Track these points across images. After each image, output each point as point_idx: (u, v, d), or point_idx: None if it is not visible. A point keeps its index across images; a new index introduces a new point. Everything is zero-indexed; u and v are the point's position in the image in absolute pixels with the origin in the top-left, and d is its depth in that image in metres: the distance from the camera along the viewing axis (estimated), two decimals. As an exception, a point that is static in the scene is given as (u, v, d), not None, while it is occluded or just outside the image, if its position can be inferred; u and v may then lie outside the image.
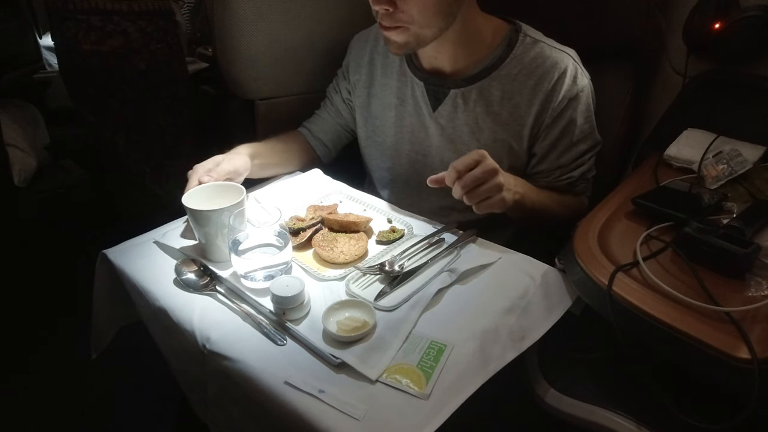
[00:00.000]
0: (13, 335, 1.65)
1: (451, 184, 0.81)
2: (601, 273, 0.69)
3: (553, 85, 0.95)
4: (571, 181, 1.03)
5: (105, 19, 1.21)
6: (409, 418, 0.58)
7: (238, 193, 0.83)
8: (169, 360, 0.82)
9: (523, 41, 0.98)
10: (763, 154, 0.91)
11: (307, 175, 1.10)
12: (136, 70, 1.26)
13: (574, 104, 0.97)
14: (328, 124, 1.20)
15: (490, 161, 0.80)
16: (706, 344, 0.58)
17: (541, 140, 1.00)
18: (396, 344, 0.67)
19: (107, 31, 1.22)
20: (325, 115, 1.20)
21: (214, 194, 0.85)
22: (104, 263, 0.87)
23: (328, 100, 1.21)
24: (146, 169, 1.38)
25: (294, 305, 0.71)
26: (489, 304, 0.74)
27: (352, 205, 1.00)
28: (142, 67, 1.27)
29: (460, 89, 1.01)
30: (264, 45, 1.17)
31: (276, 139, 1.12)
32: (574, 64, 0.97)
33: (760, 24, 0.94)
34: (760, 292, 0.65)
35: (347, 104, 1.19)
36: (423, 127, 1.07)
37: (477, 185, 0.80)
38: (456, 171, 0.80)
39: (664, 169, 0.97)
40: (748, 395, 0.55)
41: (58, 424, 1.43)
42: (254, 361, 0.65)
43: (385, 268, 0.79)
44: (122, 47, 1.24)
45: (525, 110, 0.98)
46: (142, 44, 1.26)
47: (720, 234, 0.70)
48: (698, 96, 1.05)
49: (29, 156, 1.78)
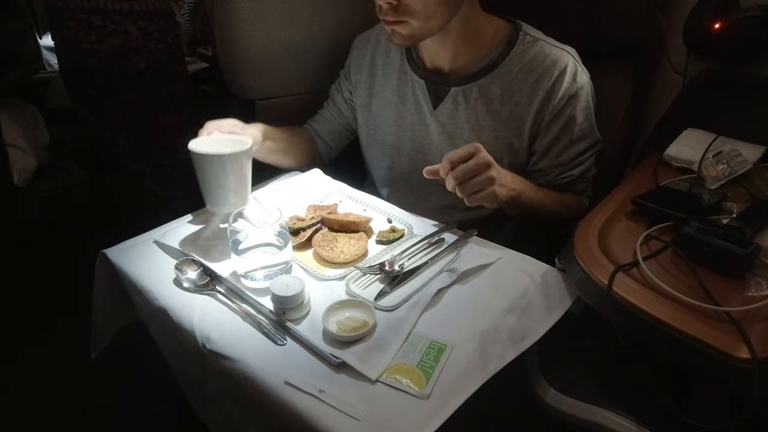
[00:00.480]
0: (14, 335, 1.65)
1: (444, 175, 0.81)
2: (601, 273, 0.69)
3: (553, 83, 0.96)
4: (570, 179, 1.03)
5: (105, 19, 1.21)
6: (409, 418, 0.58)
7: (245, 142, 0.83)
8: (169, 360, 0.82)
9: (523, 40, 0.99)
10: (763, 154, 0.91)
11: (307, 175, 1.10)
12: (136, 70, 1.26)
13: (573, 102, 0.97)
14: (331, 124, 1.21)
15: (484, 154, 0.80)
16: (706, 344, 0.58)
17: (541, 138, 1.00)
18: (396, 344, 0.67)
19: (108, 31, 1.22)
20: (327, 115, 1.21)
21: (222, 145, 0.84)
22: (104, 263, 0.87)
23: (330, 100, 1.22)
24: (146, 169, 1.38)
25: (294, 305, 0.71)
26: (489, 304, 0.74)
27: (352, 205, 1.00)
28: (142, 67, 1.27)
29: (461, 87, 1.01)
30: (264, 45, 1.17)
31: (286, 128, 1.13)
32: (573, 62, 0.97)
33: (760, 24, 0.94)
34: (760, 292, 0.65)
35: (348, 104, 1.19)
36: (424, 125, 1.07)
37: (469, 177, 0.80)
38: (450, 162, 0.80)
39: (664, 169, 0.97)
40: (748, 395, 0.55)
41: (58, 424, 1.43)
42: (254, 361, 0.65)
43: (385, 268, 0.79)
44: (122, 47, 1.24)
45: (525, 108, 0.98)
46: (142, 44, 1.26)
47: (720, 234, 0.70)
48: (698, 96, 1.05)
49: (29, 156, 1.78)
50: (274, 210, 0.81)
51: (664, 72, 1.15)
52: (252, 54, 1.17)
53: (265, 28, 1.16)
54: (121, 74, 1.26)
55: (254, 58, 1.18)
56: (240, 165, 0.82)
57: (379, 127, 1.13)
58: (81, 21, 1.21)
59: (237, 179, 0.83)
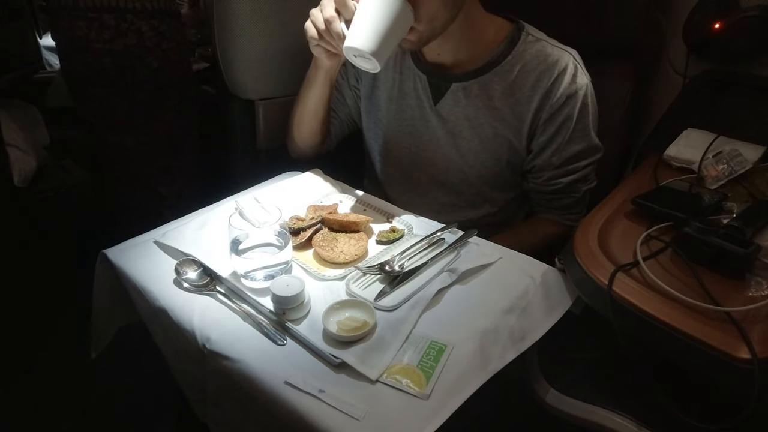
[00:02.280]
0: (13, 335, 1.65)
1: None
2: (601, 273, 0.69)
3: (553, 82, 0.96)
4: (558, 187, 1.02)
5: (118, 18, 1.21)
6: (409, 418, 0.58)
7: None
8: (169, 360, 0.82)
9: (525, 39, 0.99)
10: (763, 154, 0.91)
11: (307, 175, 1.10)
12: (149, 70, 1.26)
13: (572, 102, 0.97)
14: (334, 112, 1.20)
15: None
16: (706, 344, 0.58)
17: (538, 136, 1.01)
18: (396, 344, 0.67)
19: (121, 30, 1.21)
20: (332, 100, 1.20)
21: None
22: (104, 263, 0.87)
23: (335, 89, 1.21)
24: (153, 170, 1.37)
25: (294, 305, 0.71)
26: (489, 304, 0.74)
27: (352, 205, 1.00)
28: (155, 66, 1.26)
29: (462, 83, 1.01)
30: (264, 45, 1.17)
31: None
32: (574, 62, 0.97)
33: (760, 24, 0.94)
34: (760, 292, 0.65)
35: (354, 92, 1.18)
36: (424, 120, 1.07)
37: None
38: None
39: (664, 169, 0.97)
40: (748, 395, 0.55)
41: (58, 424, 1.43)
42: (254, 361, 0.65)
43: (385, 268, 0.79)
44: (136, 46, 1.23)
45: (525, 106, 0.98)
46: (156, 43, 1.25)
47: (720, 234, 0.70)
48: (698, 96, 1.05)
49: (29, 156, 1.77)
50: (274, 210, 0.81)
51: (664, 72, 1.16)
52: (252, 54, 1.17)
53: (265, 28, 1.16)
54: (133, 74, 1.25)
55: (254, 58, 1.18)
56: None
57: (380, 120, 1.13)
58: (92, 20, 1.20)
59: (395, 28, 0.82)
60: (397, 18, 0.81)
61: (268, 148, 1.31)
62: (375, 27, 0.82)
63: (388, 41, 0.82)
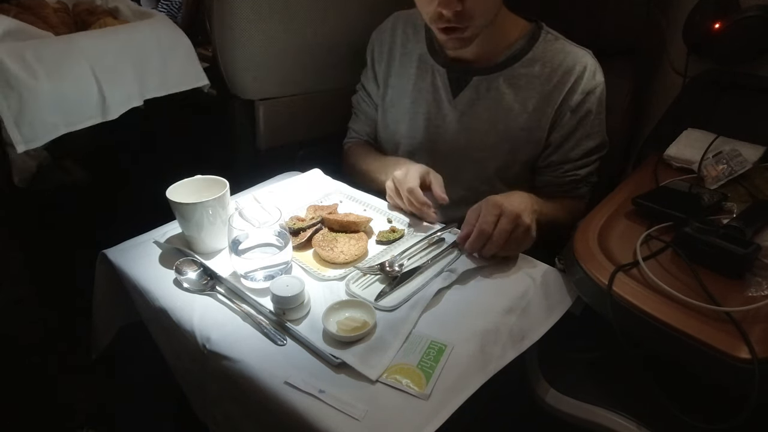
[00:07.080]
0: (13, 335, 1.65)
1: (480, 246, 0.80)
2: (601, 273, 0.69)
3: (576, 78, 0.98)
4: (575, 179, 1.04)
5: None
6: (409, 418, 0.58)
7: (221, 187, 0.84)
8: (169, 360, 0.82)
9: (545, 37, 1.01)
10: (763, 154, 0.91)
11: (307, 175, 1.10)
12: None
13: (591, 98, 0.99)
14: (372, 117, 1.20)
15: (510, 209, 0.78)
16: (706, 344, 0.58)
17: (557, 130, 1.02)
18: (396, 344, 0.67)
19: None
20: (365, 108, 1.20)
21: (201, 188, 0.85)
22: (104, 263, 0.87)
23: (360, 95, 1.21)
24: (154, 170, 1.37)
25: (294, 305, 0.71)
26: (489, 304, 0.74)
27: (352, 205, 1.00)
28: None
29: (484, 77, 1.02)
30: (264, 45, 1.17)
31: (376, 156, 1.14)
32: (593, 60, 1.00)
33: (760, 24, 0.94)
34: (760, 292, 0.65)
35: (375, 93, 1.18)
36: (440, 114, 1.07)
37: (507, 236, 0.78)
38: (484, 233, 0.78)
39: (664, 169, 0.97)
40: (748, 395, 0.55)
41: (58, 424, 1.43)
42: (254, 361, 0.65)
43: (385, 268, 0.79)
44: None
45: (545, 101, 1.00)
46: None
47: (720, 234, 0.70)
48: (698, 96, 1.05)
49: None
50: (274, 210, 0.81)
51: (664, 72, 1.16)
52: (252, 54, 1.17)
53: (265, 28, 1.15)
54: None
55: (254, 58, 1.18)
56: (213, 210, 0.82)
57: (394, 116, 1.13)
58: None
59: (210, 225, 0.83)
60: None
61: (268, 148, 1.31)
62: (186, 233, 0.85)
63: None
